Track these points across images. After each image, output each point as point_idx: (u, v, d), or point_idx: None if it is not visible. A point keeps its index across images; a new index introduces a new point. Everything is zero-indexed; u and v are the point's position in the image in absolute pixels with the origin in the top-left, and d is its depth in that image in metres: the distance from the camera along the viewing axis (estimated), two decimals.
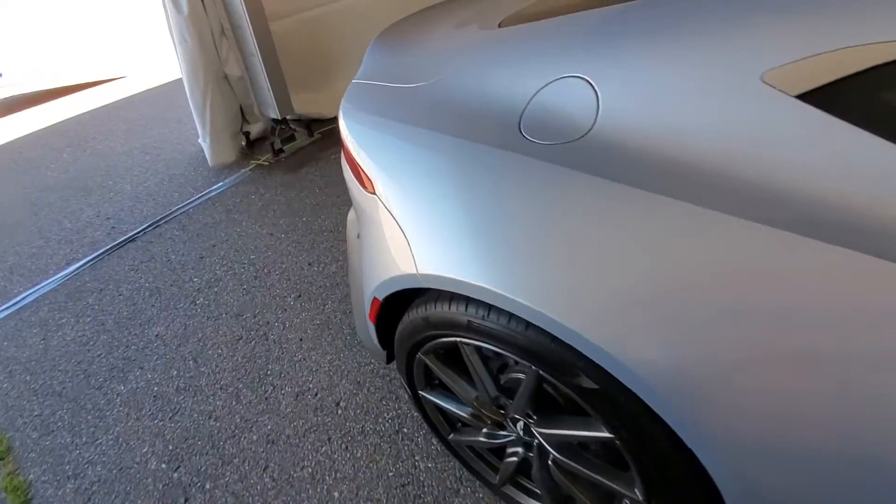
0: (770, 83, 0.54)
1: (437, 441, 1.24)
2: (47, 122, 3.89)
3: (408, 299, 0.89)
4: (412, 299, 0.89)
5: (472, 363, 0.84)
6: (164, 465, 1.32)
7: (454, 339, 0.82)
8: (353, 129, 0.95)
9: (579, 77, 0.69)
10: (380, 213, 0.86)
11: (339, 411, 1.38)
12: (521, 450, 0.94)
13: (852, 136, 0.49)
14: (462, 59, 0.90)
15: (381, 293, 0.88)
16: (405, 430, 1.30)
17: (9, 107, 4.35)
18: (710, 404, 0.55)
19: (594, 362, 0.62)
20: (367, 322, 1.00)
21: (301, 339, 1.63)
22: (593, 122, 0.65)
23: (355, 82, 1.08)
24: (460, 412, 0.97)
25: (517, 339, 0.69)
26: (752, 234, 0.50)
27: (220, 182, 2.64)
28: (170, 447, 1.36)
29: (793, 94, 0.52)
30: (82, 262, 2.18)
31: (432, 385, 1.02)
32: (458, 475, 1.18)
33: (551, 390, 0.81)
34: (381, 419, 1.34)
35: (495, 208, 0.69)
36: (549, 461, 0.87)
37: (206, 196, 2.54)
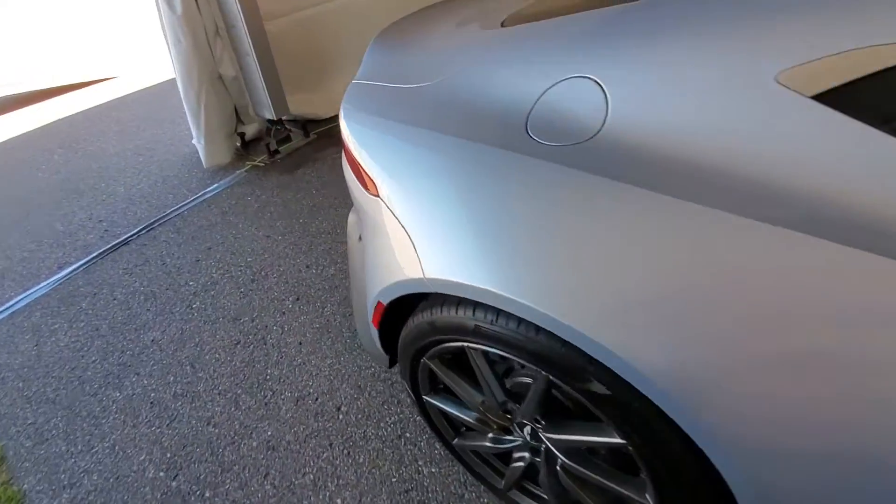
0: (784, 84, 0.53)
1: (440, 446, 1.23)
2: (38, 122, 3.84)
3: (411, 303, 0.88)
4: (416, 303, 0.88)
5: (480, 368, 0.83)
6: (162, 473, 1.30)
7: (461, 343, 0.80)
8: (354, 131, 0.94)
9: (587, 77, 0.68)
10: (383, 215, 0.85)
11: (341, 416, 1.36)
12: (527, 455, 0.93)
13: (870, 138, 0.48)
14: (465, 59, 0.89)
15: (386, 298, 0.87)
16: (408, 434, 1.28)
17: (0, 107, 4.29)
18: (726, 407, 0.54)
19: (605, 366, 0.61)
20: (370, 326, 0.98)
21: (300, 343, 1.61)
22: (602, 124, 0.64)
23: (355, 83, 1.07)
24: (465, 417, 0.95)
25: (527, 343, 0.68)
26: (771, 237, 0.50)
27: (216, 184, 2.61)
28: (168, 455, 1.34)
29: (808, 95, 0.52)
30: (75, 266, 2.14)
31: (437, 390, 1.01)
32: (462, 480, 1.17)
33: (560, 395, 0.81)
34: (382, 424, 1.32)
35: (504, 211, 0.68)
36: (558, 466, 0.86)
37: (201, 198, 2.51)
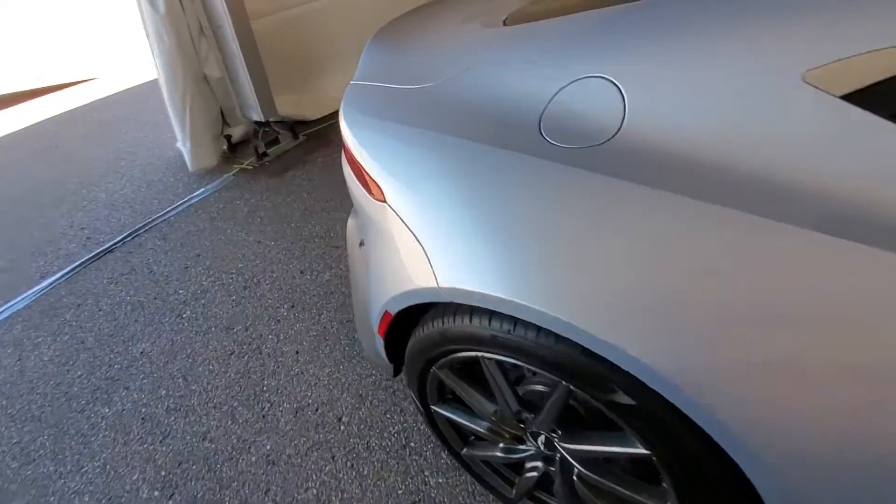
0: (812, 83, 0.52)
1: (446, 455, 1.20)
2: (15, 125, 3.70)
3: (418, 310, 0.85)
4: (423, 311, 0.85)
5: (494, 377, 0.81)
6: (156, 492, 1.25)
7: (475, 353, 0.78)
8: (357, 134, 0.90)
9: (602, 77, 0.66)
10: (390, 222, 0.81)
11: (342, 427, 1.32)
12: (541, 464, 0.91)
13: None
14: (470, 59, 0.86)
15: (394, 307, 0.83)
16: (412, 444, 1.25)
17: None
18: (756, 412, 0.52)
19: (630, 375, 0.59)
20: (376, 336, 0.95)
21: (297, 352, 1.56)
22: (620, 125, 0.62)
23: (354, 83, 1.03)
24: (476, 427, 0.93)
25: (547, 353, 0.66)
26: (802, 240, 0.48)
27: (202, 188, 2.54)
28: (162, 473, 1.29)
29: (837, 95, 0.50)
30: (57, 276, 2.06)
31: (445, 399, 0.98)
32: (470, 489, 1.14)
33: (576, 404, 0.78)
34: (386, 434, 1.29)
35: (522, 216, 0.65)
36: (574, 476, 0.84)
37: (188, 203, 2.44)
